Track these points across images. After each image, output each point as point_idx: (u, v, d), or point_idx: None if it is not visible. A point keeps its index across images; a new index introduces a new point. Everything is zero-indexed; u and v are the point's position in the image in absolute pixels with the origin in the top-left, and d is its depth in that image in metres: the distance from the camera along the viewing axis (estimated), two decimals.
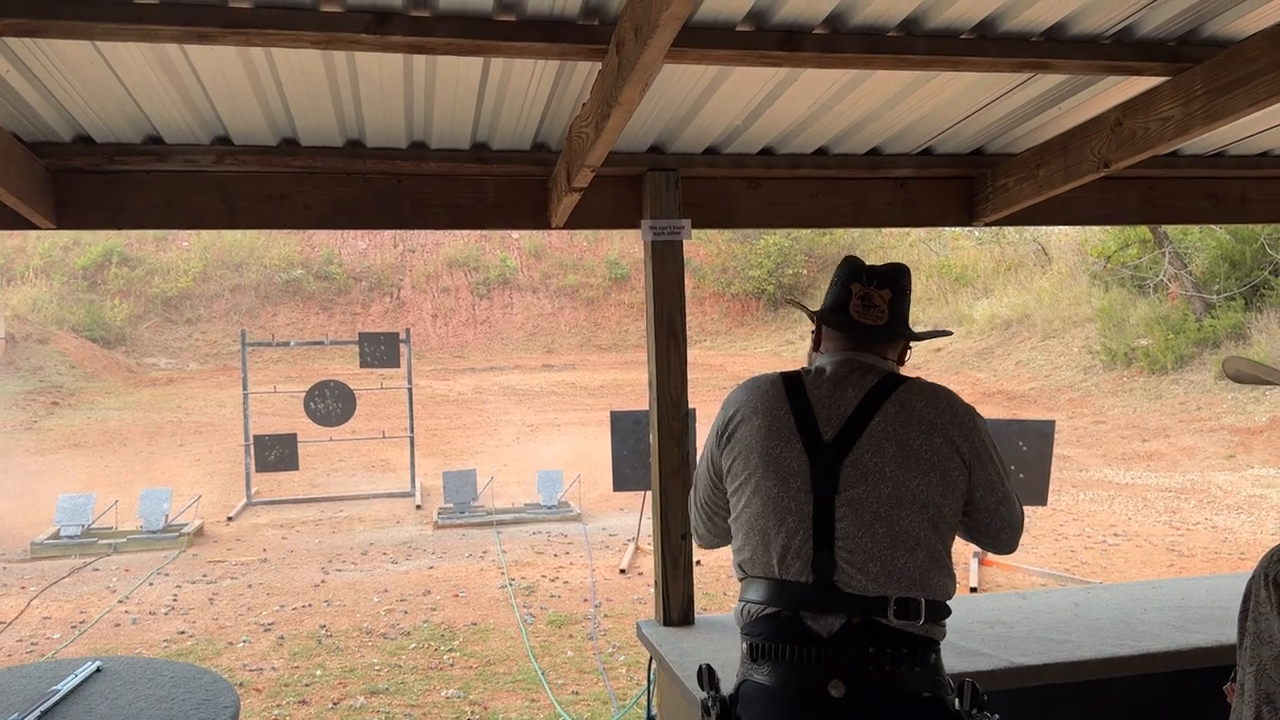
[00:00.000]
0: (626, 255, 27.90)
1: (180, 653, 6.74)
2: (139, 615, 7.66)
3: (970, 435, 2.10)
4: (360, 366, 12.95)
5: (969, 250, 26.11)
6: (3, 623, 7.52)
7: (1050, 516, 10.23)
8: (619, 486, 8.65)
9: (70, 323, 22.68)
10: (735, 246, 29.02)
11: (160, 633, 7.22)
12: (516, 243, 28.55)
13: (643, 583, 8.26)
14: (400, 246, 27.59)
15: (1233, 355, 1.77)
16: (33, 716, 2.57)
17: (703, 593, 7.77)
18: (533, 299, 27.72)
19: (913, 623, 1.99)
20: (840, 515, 2.03)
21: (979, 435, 2.12)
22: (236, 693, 2.83)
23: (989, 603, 3.52)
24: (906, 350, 2.33)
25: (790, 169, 3.45)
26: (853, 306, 2.21)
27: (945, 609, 2.06)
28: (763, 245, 28.36)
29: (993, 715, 2.02)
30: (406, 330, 14.06)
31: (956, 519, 2.11)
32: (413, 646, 6.74)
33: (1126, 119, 2.82)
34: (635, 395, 18.20)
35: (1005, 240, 24.92)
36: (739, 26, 2.38)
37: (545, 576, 8.55)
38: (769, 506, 2.10)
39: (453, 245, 27.78)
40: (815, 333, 2.33)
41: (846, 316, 2.21)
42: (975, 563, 8.24)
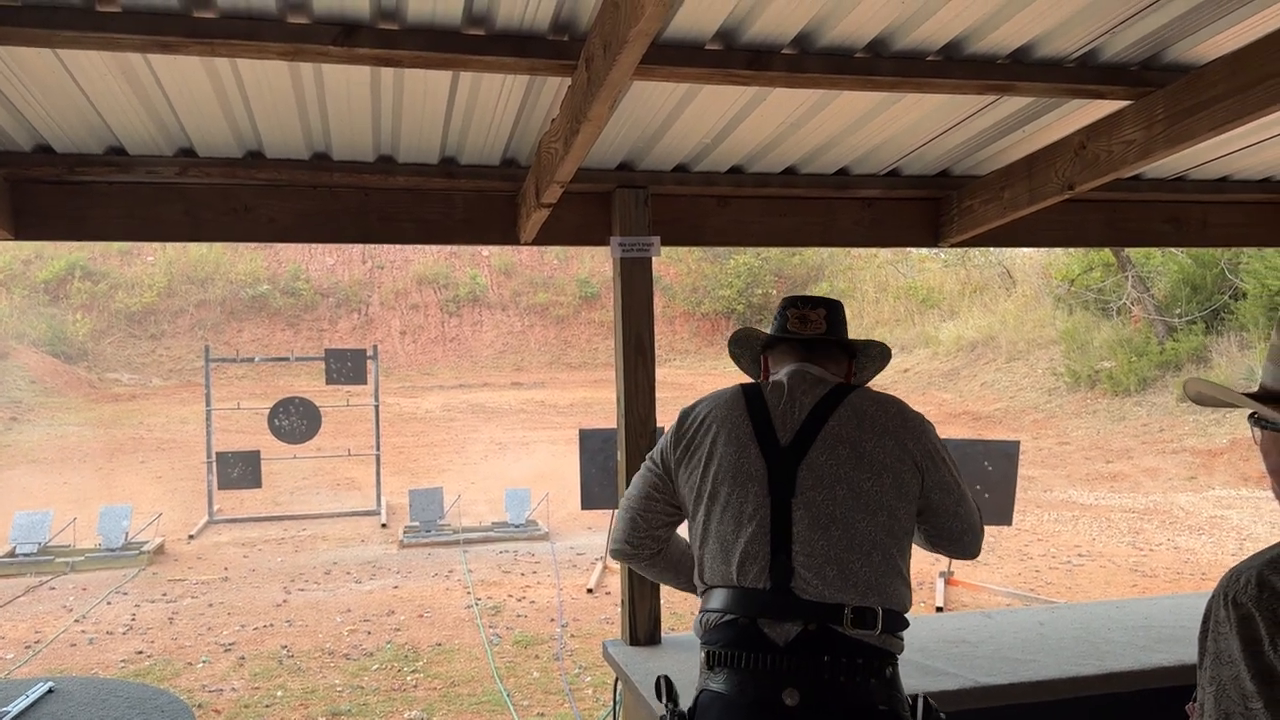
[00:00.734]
0: (597, 274, 27.92)
1: (138, 673, 6.61)
2: (96, 635, 7.51)
3: (921, 439, 2.16)
4: (326, 383, 12.83)
5: (935, 272, 26.38)
6: None
7: (1015, 537, 10.30)
8: (587, 505, 8.60)
9: (31, 337, 22.34)
10: (705, 266, 29.14)
11: (117, 653, 7.08)
12: (486, 260, 28.50)
13: (610, 602, 8.21)
14: (369, 263, 27.44)
15: (1193, 377, 1.79)
16: None
17: (670, 612, 7.74)
18: (502, 317, 27.66)
19: (869, 632, 2.00)
20: (797, 518, 2.06)
21: (929, 439, 2.18)
22: (194, 714, 2.77)
23: (954, 622, 3.52)
24: (850, 369, 2.39)
25: (759, 188, 3.47)
26: (789, 323, 2.32)
27: (902, 620, 2.08)
28: (732, 265, 28.50)
29: None
30: (374, 346, 13.95)
31: (911, 524, 2.15)
32: (376, 667, 6.65)
33: (1090, 142, 2.85)
34: (605, 413, 18.15)
35: (971, 263, 25.20)
36: (708, 45, 2.39)
37: (512, 596, 8.48)
38: (728, 512, 2.13)
39: (422, 262, 27.68)
40: (764, 366, 2.41)
41: (786, 332, 2.32)
42: (941, 582, 8.27)
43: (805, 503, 2.06)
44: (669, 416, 2.45)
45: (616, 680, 3.24)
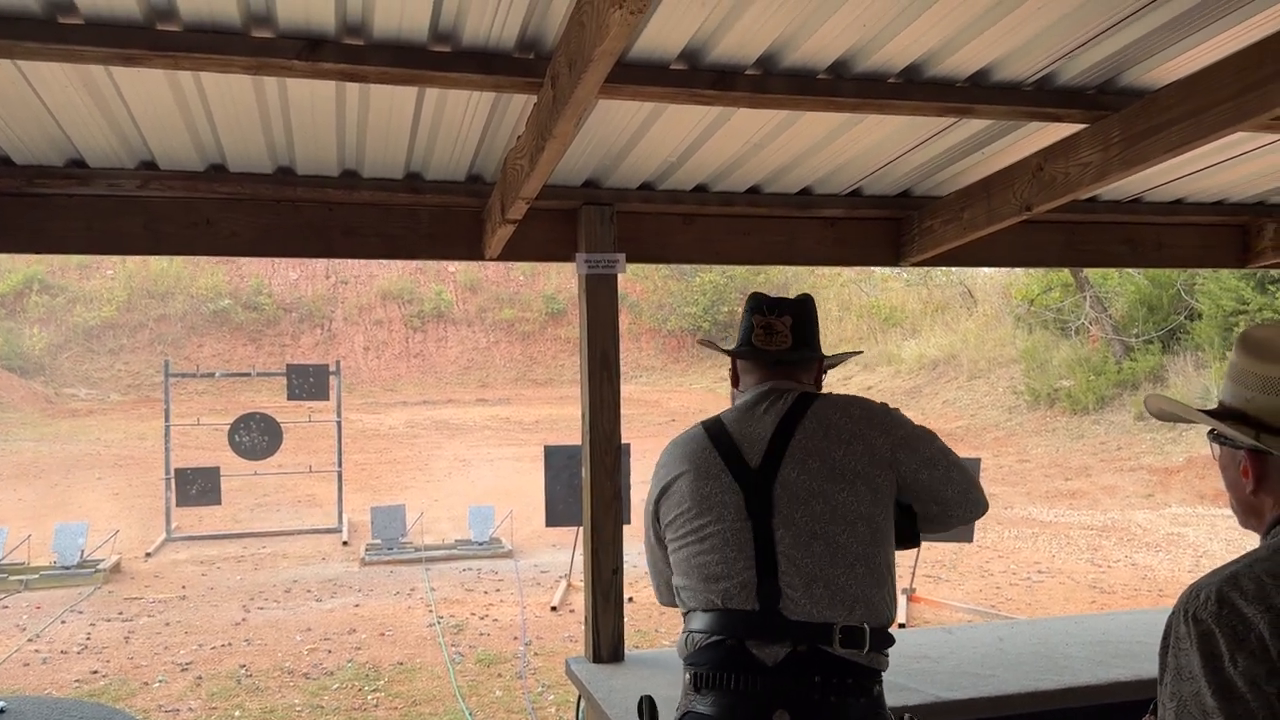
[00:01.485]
0: (563, 290, 27.90)
1: (92, 693, 6.48)
2: (49, 654, 7.36)
3: (888, 431, 2.13)
4: (288, 399, 12.70)
5: (898, 291, 26.63)
6: None
7: (976, 553, 10.39)
8: (552, 522, 8.57)
9: None
10: (671, 283, 29.21)
11: (72, 672, 6.94)
12: (452, 276, 28.38)
13: (574, 620, 8.17)
14: (332, 278, 27.24)
15: (1154, 393, 1.82)
16: None
17: (634, 629, 7.72)
18: (468, 332, 27.53)
19: (857, 651, 1.99)
20: (779, 538, 2.04)
21: (897, 427, 2.15)
22: None
23: (916, 637, 3.55)
24: (821, 374, 2.36)
25: (724, 206, 3.49)
26: (755, 336, 2.27)
27: (889, 638, 2.07)
28: (698, 283, 28.59)
29: None
30: (336, 362, 13.83)
31: (891, 527, 2.13)
32: (336, 687, 6.58)
33: (1047, 164, 2.90)
34: (570, 430, 18.11)
35: (933, 282, 25.47)
36: (673, 65, 2.41)
37: (475, 614, 8.43)
38: (707, 543, 2.10)
39: (386, 277, 27.51)
40: (732, 369, 2.38)
41: (750, 346, 2.28)
42: (903, 599, 8.31)
43: (784, 521, 2.04)
44: (635, 434, 2.45)
45: (579, 698, 3.23)
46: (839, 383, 22.24)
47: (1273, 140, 3.14)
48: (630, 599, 8.39)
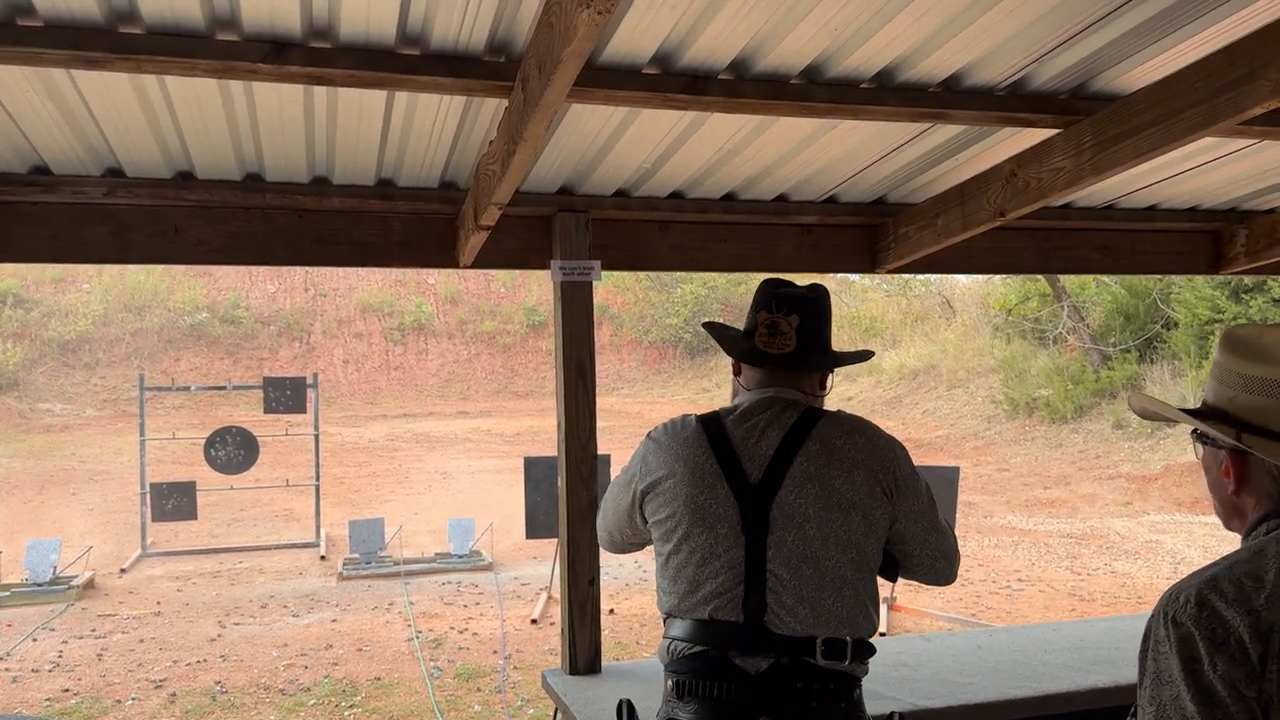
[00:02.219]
0: (544, 302, 27.85)
1: (63, 712, 6.38)
2: (20, 673, 7.24)
3: (891, 465, 2.10)
4: (264, 412, 12.59)
5: (878, 302, 26.75)
6: None
7: None
8: (532, 534, 8.54)
9: None
10: (653, 295, 29.23)
11: (43, 691, 6.83)
12: (433, 288, 28.30)
13: (555, 633, 8.12)
14: (311, 290, 27.09)
15: (1138, 392, 1.82)
16: None
17: (615, 641, 7.68)
18: (448, 345, 27.44)
19: (839, 662, 2.00)
20: (770, 557, 2.02)
21: (900, 465, 2.12)
22: None
23: (894, 645, 3.53)
24: (827, 376, 2.28)
25: (700, 213, 3.47)
26: (758, 336, 2.18)
27: (870, 647, 2.08)
28: (679, 294, 28.63)
29: None
30: (314, 375, 13.73)
31: (879, 556, 2.11)
32: (312, 703, 6.50)
33: (1021, 170, 2.90)
34: (551, 442, 18.01)
35: (912, 292, 25.60)
36: (645, 69, 2.39)
37: (454, 628, 8.36)
38: (697, 554, 2.07)
39: (366, 290, 27.40)
40: (736, 365, 2.29)
41: (752, 346, 2.20)
42: (885, 608, 8.30)
43: (777, 542, 2.02)
44: (616, 444, 2.40)
45: (556, 711, 3.19)
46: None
47: (1244, 146, 3.16)
48: (611, 611, 8.35)
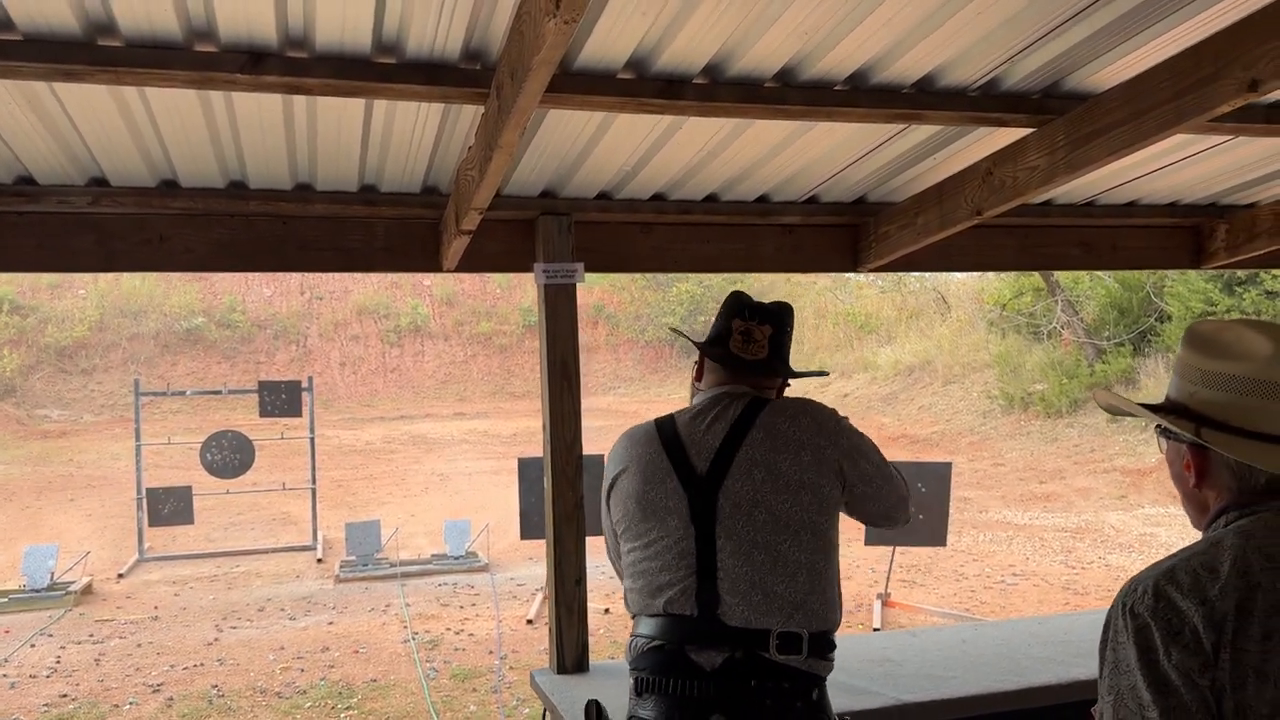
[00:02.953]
0: None
1: (61, 717, 6.41)
2: (18, 679, 7.26)
3: (837, 438, 2.16)
4: (260, 416, 12.59)
5: (872, 298, 26.76)
6: None
7: (951, 557, 10.43)
8: (526, 535, 8.53)
9: None
10: (648, 294, 29.24)
11: (40, 696, 6.85)
12: (428, 290, 28.30)
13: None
14: (307, 294, 27.09)
15: (1101, 388, 1.86)
16: None
17: (610, 640, 7.70)
18: (445, 346, 27.43)
19: (795, 657, 2.01)
20: (720, 546, 2.06)
21: (846, 436, 2.18)
22: None
23: (881, 641, 3.56)
24: (784, 387, 2.38)
25: (682, 215, 3.50)
26: (733, 342, 2.27)
27: (829, 642, 2.08)
28: (675, 293, 28.64)
29: None
30: (309, 378, 13.74)
31: (836, 533, 2.15)
32: (308, 705, 6.52)
33: (996, 168, 2.93)
34: None
35: (906, 289, 25.62)
36: (620, 74, 2.42)
37: (450, 629, 8.38)
38: (651, 547, 2.13)
39: (362, 292, 27.39)
40: (698, 363, 2.39)
41: (726, 350, 2.28)
42: (878, 604, 8.34)
43: (727, 530, 2.06)
44: (609, 444, 2.44)
45: (544, 711, 3.22)
46: (816, 388, 22.32)
47: (1221, 141, 3.19)
48: (606, 610, 8.38)
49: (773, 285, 28.42)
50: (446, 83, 2.31)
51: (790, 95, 2.51)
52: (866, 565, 9.92)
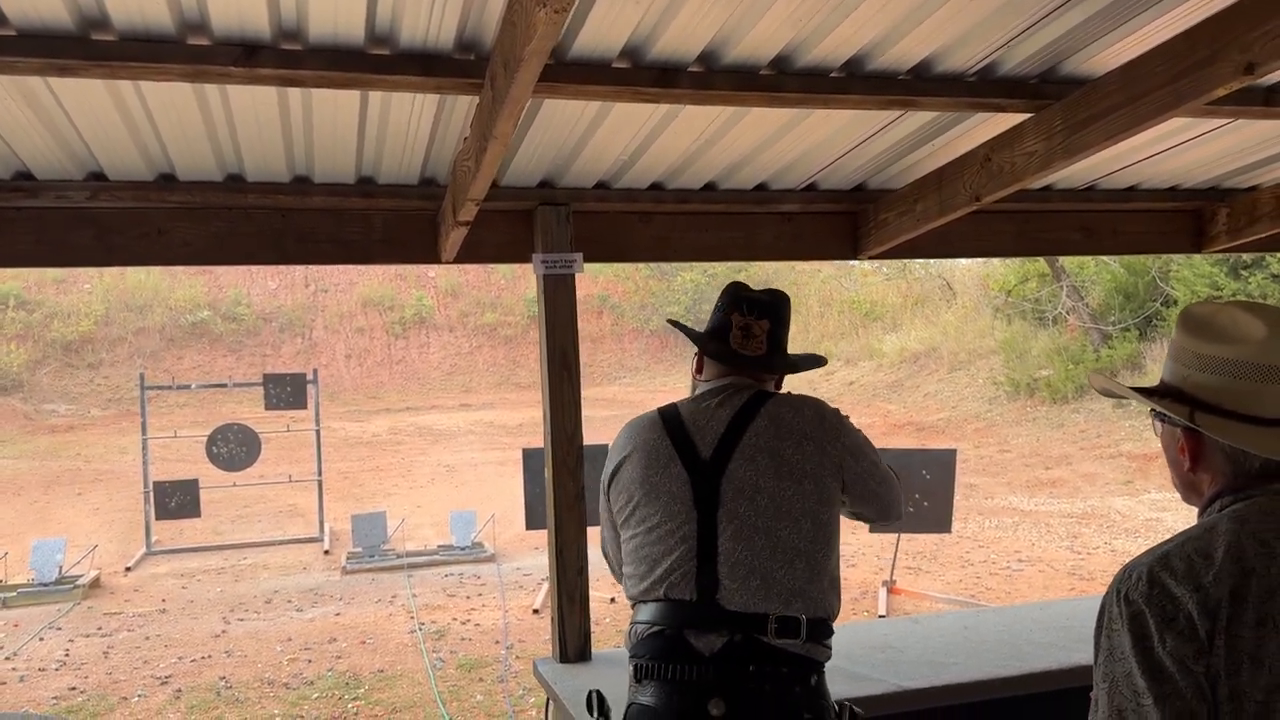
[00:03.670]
0: None
1: (70, 709, 6.44)
2: (27, 672, 7.31)
3: (839, 437, 2.18)
4: (266, 409, 12.61)
5: (877, 286, 26.73)
6: None
7: (956, 544, 10.43)
8: (532, 525, 8.53)
9: None
10: (653, 284, 29.23)
11: (50, 689, 6.89)
12: (433, 281, 28.31)
13: None
14: (312, 286, 27.12)
15: (1095, 371, 1.85)
16: None
17: (616, 629, 7.72)
18: (450, 338, 27.47)
19: (793, 641, 2.02)
20: (721, 530, 2.08)
21: (847, 435, 2.20)
22: None
23: (883, 627, 3.57)
24: (781, 380, 2.40)
25: (680, 204, 3.49)
26: (733, 337, 2.29)
27: (828, 628, 2.09)
28: (679, 282, 28.62)
29: None
30: (314, 370, 13.76)
31: (837, 526, 2.17)
32: (316, 696, 6.56)
33: (994, 154, 2.92)
34: None
35: (911, 276, 25.57)
36: (615, 63, 2.41)
37: (456, 619, 8.41)
38: (654, 532, 2.14)
39: (367, 284, 27.42)
40: (698, 357, 2.40)
41: (726, 346, 2.29)
42: (884, 591, 8.35)
43: (729, 514, 2.08)
44: (613, 433, 2.46)
45: (548, 700, 3.23)
46: (821, 376, 22.31)
47: (1221, 125, 3.17)
48: (612, 600, 8.40)
49: (777, 273, 28.40)
50: (441, 73, 2.31)
51: (786, 82, 2.51)
52: (872, 552, 9.94)
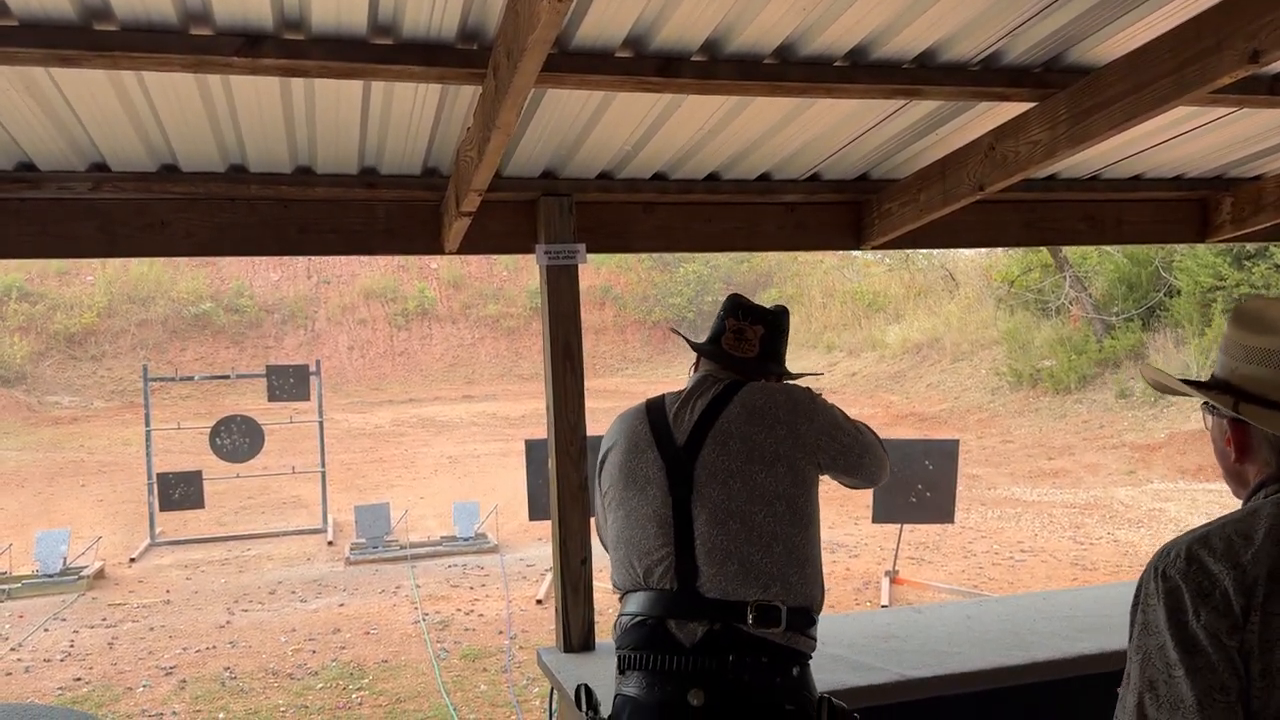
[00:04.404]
0: None
1: (75, 700, 6.46)
2: (32, 663, 7.33)
3: (812, 416, 2.20)
4: (268, 400, 12.63)
5: (880, 276, 26.70)
6: None
7: (959, 534, 10.43)
8: (535, 516, 8.55)
9: None
10: (655, 275, 29.22)
11: (54, 680, 6.91)
12: (435, 273, 28.31)
13: None
14: (314, 278, 27.13)
15: (1149, 365, 1.87)
16: None
17: None
18: (452, 329, 27.48)
19: (772, 629, 2.03)
20: (696, 515, 2.11)
21: (820, 414, 2.22)
22: None
23: (885, 617, 3.57)
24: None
25: (683, 194, 3.49)
26: (725, 339, 2.37)
27: (809, 618, 2.10)
28: (682, 273, 28.61)
29: None
30: (317, 362, 13.77)
31: (815, 510, 2.19)
32: (320, 686, 6.57)
33: (999, 143, 2.91)
34: None
35: (914, 266, 25.54)
36: (618, 53, 2.41)
37: (460, 610, 8.43)
38: (633, 517, 2.18)
39: (369, 276, 27.42)
40: (696, 363, 2.46)
41: (718, 347, 2.37)
42: (886, 581, 8.36)
43: (702, 499, 2.11)
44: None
45: (552, 689, 3.23)
46: (823, 368, 22.29)
47: (1226, 114, 3.16)
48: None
49: (780, 264, 28.39)
50: (443, 63, 2.30)
51: (789, 72, 2.50)
52: (875, 543, 9.94)
